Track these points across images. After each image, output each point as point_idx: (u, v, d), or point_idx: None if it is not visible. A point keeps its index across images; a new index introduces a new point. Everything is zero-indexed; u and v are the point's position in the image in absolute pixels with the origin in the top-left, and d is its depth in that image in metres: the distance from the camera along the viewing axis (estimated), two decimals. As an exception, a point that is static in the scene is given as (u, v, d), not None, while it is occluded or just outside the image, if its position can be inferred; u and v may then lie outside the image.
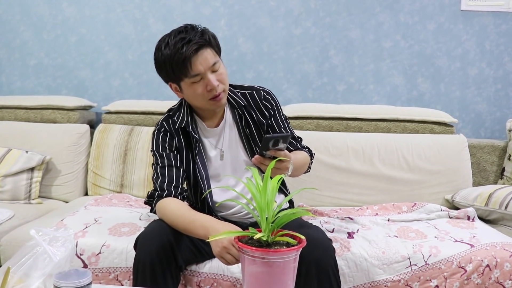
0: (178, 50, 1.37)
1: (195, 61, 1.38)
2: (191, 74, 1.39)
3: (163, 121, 1.58)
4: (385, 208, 2.13)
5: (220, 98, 1.46)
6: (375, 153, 2.29)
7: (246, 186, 1.05)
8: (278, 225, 1.01)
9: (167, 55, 1.39)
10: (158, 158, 1.52)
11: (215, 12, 2.66)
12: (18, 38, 2.75)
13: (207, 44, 1.40)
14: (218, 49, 1.47)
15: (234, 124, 1.59)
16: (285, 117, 1.64)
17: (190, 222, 1.35)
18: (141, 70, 2.73)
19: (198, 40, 1.38)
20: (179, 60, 1.37)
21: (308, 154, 1.61)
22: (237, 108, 1.56)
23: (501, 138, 2.63)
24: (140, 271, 1.32)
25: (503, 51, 2.62)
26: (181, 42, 1.37)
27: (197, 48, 1.37)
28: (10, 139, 2.38)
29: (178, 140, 1.54)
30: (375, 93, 2.69)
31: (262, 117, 1.57)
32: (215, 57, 1.43)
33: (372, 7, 2.62)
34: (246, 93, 1.58)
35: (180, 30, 1.41)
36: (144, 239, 1.36)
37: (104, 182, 2.36)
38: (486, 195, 2.09)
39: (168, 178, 1.48)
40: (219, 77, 1.43)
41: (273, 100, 1.60)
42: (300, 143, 1.65)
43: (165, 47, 1.40)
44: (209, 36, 1.42)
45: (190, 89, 1.44)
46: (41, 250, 1.03)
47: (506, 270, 1.61)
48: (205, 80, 1.41)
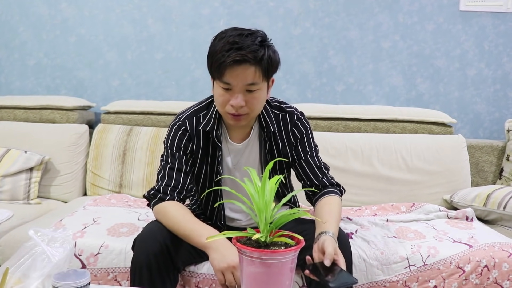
0: (223, 52, 1.28)
1: (230, 72, 1.29)
2: (222, 80, 1.31)
3: (186, 118, 1.48)
4: (383, 209, 2.13)
5: (240, 119, 1.37)
6: (374, 154, 2.29)
7: (244, 186, 1.05)
8: (277, 226, 1.01)
9: (214, 49, 1.31)
10: (170, 157, 1.46)
11: (214, 12, 2.66)
12: (17, 38, 2.75)
13: (254, 61, 1.28)
14: (267, 72, 1.33)
15: (257, 144, 1.52)
16: (315, 144, 1.55)
17: (190, 231, 1.33)
18: (140, 71, 2.73)
19: (248, 53, 1.27)
20: (217, 61, 1.29)
21: (339, 197, 1.48)
22: (265, 132, 1.48)
23: (500, 138, 2.63)
24: (138, 273, 1.32)
25: (502, 52, 2.62)
26: (231, 45, 1.27)
27: (240, 60, 1.27)
28: (9, 139, 2.37)
29: (197, 143, 1.47)
30: (374, 93, 2.69)
31: (288, 142, 1.51)
32: (257, 78, 1.31)
33: (371, 7, 2.62)
34: (280, 115, 1.50)
35: (242, 32, 1.30)
36: (142, 240, 1.36)
37: (103, 182, 2.36)
38: (485, 195, 2.09)
39: (174, 182, 1.43)
40: (249, 99, 1.34)
41: (303, 126, 1.52)
42: (327, 176, 1.52)
43: (219, 41, 1.31)
44: (264, 56, 1.29)
45: (216, 91, 1.37)
46: (39, 250, 1.03)
47: (505, 270, 1.61)
48: (232, 94, 1.33)
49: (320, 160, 1.55)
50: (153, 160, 2.33)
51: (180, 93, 2.74)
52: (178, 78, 2.73)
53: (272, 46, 1.34)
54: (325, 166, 1.55)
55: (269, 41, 1.35)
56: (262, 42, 1.31)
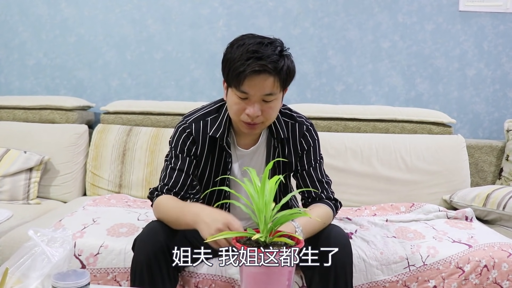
0: (242, 60, 1.25)
1: (249, 81, 1.27)
2: (240, 89, 1.29)
3: (193, 121, 1.46)
4: (383, 209, 2.14)
5: (254, 128, 1.36)
6: (373, 154, 2.29)
7: (244, 187, 1.05)
8: (276, 226, 1.01)
9: (232, 56, 1.29)
10: (173, 157, 1.46)
11: (214, 12, 2.66)
12: (17, 38, 2.75)
13: (274, 72, 1.27)
14: (284, 83, 1.32)
15: (265, 150, 1.51)
16: (320, 157, 1.54)
17: (179, 211, 1.33)
18: (140, 71, 2.73)
19: (268, 63, 1.25)
20: (236, 69, 1.26)
21: (331, 210, 1.45)
22: (275, 138, 1.48)
23: (499, 138, 2.63)
24: (138, 272, 1.32)
25: (501, 52, 2.62)
26: (251, 54, 1.25)
27: (260, 70, 1.25)
28: (9, 139, 2.37)
29: (201, 147, 1.45)
30: (373, 93, 2.69)
31: (294, 152, 1.50)
32: (274, 89, 1.30)
33: (370, 7, 2.62)
34: (289, 123, 1.49)
35: (262, 40, 1.29)
36: (142, 240, 1.36)
37: (102, 183, 2.36)
38: (484, 195, 2.09)
39: (173, 183, 1.43)
40: (265, 109, 1.32)
41: (312, 137, 1.51)
42: (327, 191, 1.50)
43: (238, 48, 1.29)
44: (284, 66, 1.29)
45: (231, 98, 1.35)
46: (39, 251, 1.03)
47: (504, 270, 1.61)
48: (249, 103, 1.31)
49: (323, 173, 1.53)
50: (153, 160, 2.33)
51: (180, 93, 2.74)
52: (177, 78, 2.73)
53: (290, 56, 1.34)
54: (327, 180, 1.53)
55: (287, 50, 1.33)
56: (281, 51, 1.30)
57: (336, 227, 1.43)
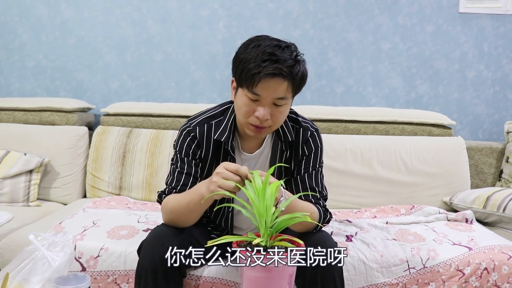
0: (258, 61, 1.23)
1: (263, 83, 1.25)
2: (252, 90, 1.26)
3: (198, 124, 1.45)
4: (383, 211, 2.14)
5: (262, 131, 1.35)
6: (374, 155, 2.29)
7: (244, 191, 1.05)
8: (277, 230, 1.01)
9: (246, 56, 1.26)
10: (179, 161, 1.44)
11: (214, 14, 2.66)
12: (17, 40, 2.75)
13: (289, 77, 1.26)
14: (297, 88, 1.32)
15: (270, 154, 1.49)
16: (321, 165, 1.51)
17: (187, 193, 1.33)
18: (140, 72, 2.73)
19: (284, 67, 1.24)
20: (251, 70, 1.24)
21: (317, 210, 1.40)
22: (283, 142, 1.46)
23: (499, 140, 2.64)
24: (143, 278, 1.31)
25: (501, 53, 2.63)
26: (267, 56, 1.24)
27: (275, 73, 1.24)
28: (9, 141, 2.37)
29: (206, 150, 1.44)
30: (373, 95, 2.69)
31: (295, 156, 1.48)
32: (287, 93, 1.29)
33: (370, 9, 2.62)
34: (294, 128, 1.48)
35: (279, 43, 1.28)
36: (148, 245, 1.34)
37: (102, 184, 2.35)
38: (484, 197, 2.10)
39: (181, 186, 1.41)
40: (275, 113, 1.31)
41: (315, 143, 1.49)
42: (317, 198, 1.45)
43: (253, 48, 1.27)
44: (299, 72, 1.28)
45: (241, 99, 1.32)
46: (40, 255, 1.04)
47: (504, 273, 1.61)
48: (259, 105, 1.30)
49: (319, 182, 1.48)
50: (153, 162, 2.33)
51: (180, 95, 2.74)
52: (177, 79, 2.73)
53: (304, 62, 1.33)
54: (320, 190, 1.47)
55: (301, 56, 1.33)
56: (296, 56, 1.29)
57: (322, 233, 1.41)
